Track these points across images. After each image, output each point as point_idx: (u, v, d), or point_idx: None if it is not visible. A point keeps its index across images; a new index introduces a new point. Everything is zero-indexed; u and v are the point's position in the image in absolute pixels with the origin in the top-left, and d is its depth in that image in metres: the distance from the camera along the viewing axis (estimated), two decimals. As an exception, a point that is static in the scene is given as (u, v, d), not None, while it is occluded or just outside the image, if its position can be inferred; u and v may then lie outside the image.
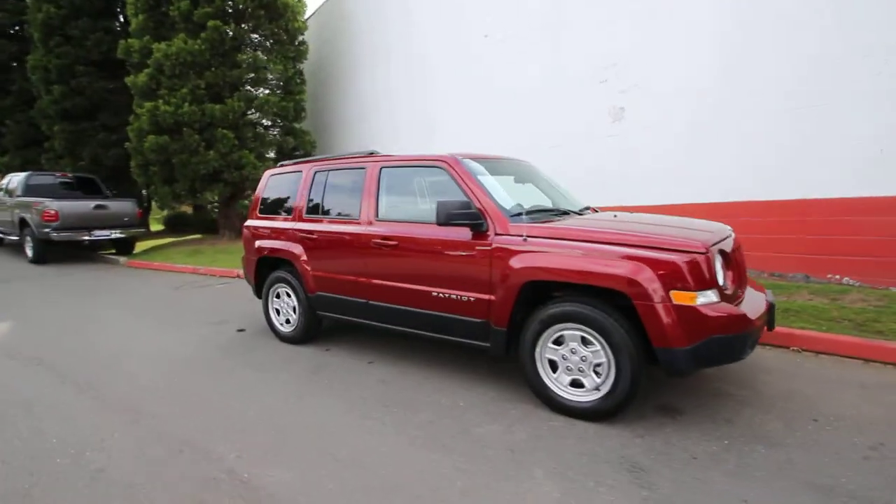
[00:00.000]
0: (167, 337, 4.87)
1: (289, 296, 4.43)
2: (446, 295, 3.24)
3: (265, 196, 4.73)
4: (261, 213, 4.73)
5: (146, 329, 5.22)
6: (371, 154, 4.04)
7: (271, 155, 12.39)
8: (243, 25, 11.31)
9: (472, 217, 3.06)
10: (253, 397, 3.30)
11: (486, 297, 3.06)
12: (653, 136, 6.66)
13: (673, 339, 2.46)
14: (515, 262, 2.91)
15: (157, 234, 15.88)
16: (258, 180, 12.29)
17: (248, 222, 4.82)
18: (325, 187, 4.17)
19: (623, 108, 7.06)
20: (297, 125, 12.39)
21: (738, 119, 5.85)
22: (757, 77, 5.69)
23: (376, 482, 2.27)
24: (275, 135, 12.32)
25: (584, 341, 2.74)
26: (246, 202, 14.04)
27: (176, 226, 17.40)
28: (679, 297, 2.45)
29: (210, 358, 4.18)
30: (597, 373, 2.74)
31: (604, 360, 2.69)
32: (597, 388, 2.74)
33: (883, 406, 2.89)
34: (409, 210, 3.64)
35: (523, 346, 2.94)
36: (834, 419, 2.73)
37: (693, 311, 2.44)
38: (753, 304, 2.75)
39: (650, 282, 2.48)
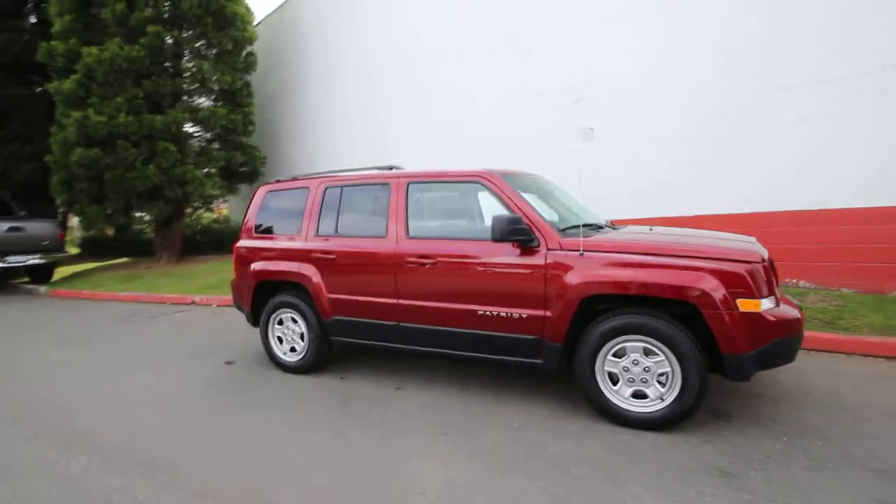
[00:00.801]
0: (142, 375, 4.27)
1: (294, 322, 4.08)
2: (495, 313, 3.16)
3: (262, 214, 4.37)
4: (257, 232, 4.35)
5: (112, 368, 4.56)
6: (391, 169, 3.89)
7: (208, 169, 11.52)
8: (187, 32, 10.54)
9: (525, 233, 3.03)
10: (284, 436, 2.97)
11: (540, 313, 3.03)
12: (620, 155, 7.09)
13: (741, 345, 2.58)
14: (574, 277, 2.91)
15: (74, 259, 14.06)
16: (206, 197, 11.59)
17: (242, 243, 4.41)
18: (339, 204, 3.93)
19: (593, 129, 7.47)
20: (245, 139, 11.68)
21: (698, 138, 6.41)
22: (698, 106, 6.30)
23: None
24: (217, 148, 11.47)
25: (646, 352, 2.80)
26: (189, 221, 12.92)
27: (94, 249, 15.56)
28: (745, 305, 2.58)
29: (207, 395, 3.72)
30: (660, 383, 2.80)
31: (668, 369, 2.75)
32: (660, 398, 2.79)
33: (893, 393, 3.23)
34: (445, 227, 3.53)
35: (581, 360, 2.93)
36: (861, 408, 3.00)
37: (759, 317, 2.58)
38: (791, 308, 2.97)
39: (718, 291, 2.60)
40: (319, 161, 12.22)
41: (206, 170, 10.89)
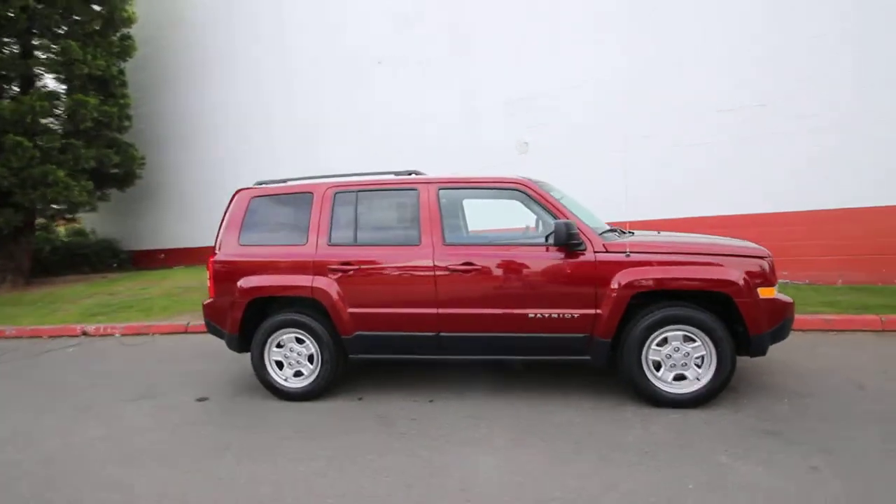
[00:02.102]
0: (88, 426, 3.38)
1: (300, 342, 3.63)
2: (546, 315, 3.26)
3: (249, 222, 3.79)
4: (243, 243, 3.76)
5: (40, 419, 3.50)
6: (412, 174, 3.73)
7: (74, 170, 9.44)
8: (40, 4, 8.49)
9: (577, 237, 3.19)
10: (355, 470, 2.64)
11: (591, 311, 3.21)
12: (558, 166, 7.77)
13: (763, 326, 3.09)
14: (623, 276, 3.16)
15: None
16: (75, 204, 9.36)
17: (223, 255, 3.76)
18: (356, 210, 3.62)
19: (527, 143, 8.05)
20: (120, 136, 9.82)
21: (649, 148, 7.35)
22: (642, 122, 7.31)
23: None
24: (85, 146, 9.43)
25: (686, 339, 3.17)
26: (46, 234, 10.28)
27: None
28: (764, 292, 3.10)
29: (202, 441, 3.11)
30: (696, 365, 3.19)
31: (704, 353, 3.15)
32: (697, 379, 3.18)
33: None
34: (483, 233, 3.50)
35: (628, 351, 3.18)
36: (814, 371, 3.79)
37: (775, 301, 3.12)
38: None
39: (745, 282, 3.08)
40: (214, 167, 10.98)
41: (71, 171, 8.86)
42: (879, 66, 6.07)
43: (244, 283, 3.64)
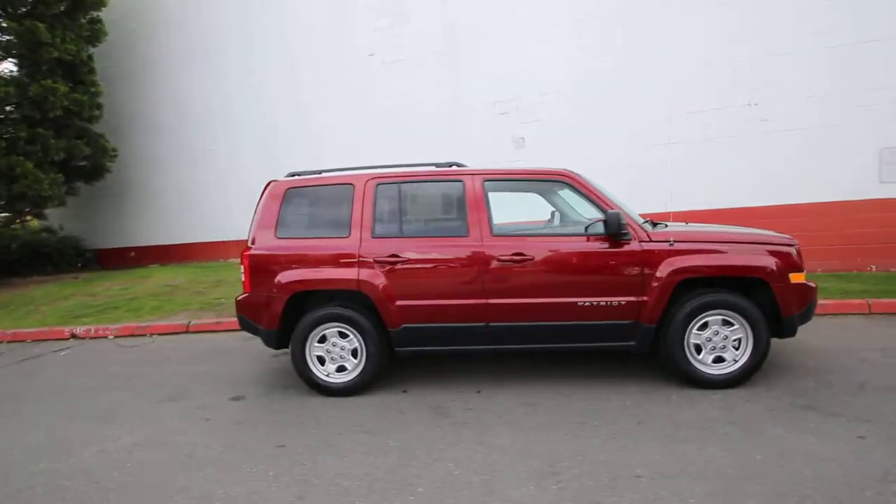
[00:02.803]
0: (119, 433, 3.20)
1: (344, 336, 3.57)
2: (594, 303, 3.36)
3: (285, 214, 3.68)
4: (280, 235, 3.65)
5: (69, 428, 3.31)
6: (452, 166, 3.74)
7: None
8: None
9: (625, 227, 3.31)
10: (430, 462, 2.64)
11: (637, 298, 3.34)
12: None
13: (794, 308, 3.33)
14: (669, 264, 3.31)
15: None
16: (44, 198, 8.66)
17: (259, 249, 3.64)
18: (400, 202, 3.60)
19: (524, 138, 8.19)
20: (90, 126, 9.19)
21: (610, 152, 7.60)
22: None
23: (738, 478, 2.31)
24: (53, 136, 8.78)
25: (725, 323, 3.36)
26: (15, 231, 9.46)
27: None
28: (795, 278, 3.34)
29: (256, 440, 3.02)
30: (734, 347, 3.39)
31: (742, 335, 3.35)
32: (734, 360, 3.38)
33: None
34: (529, 224, 3.56)
35: (672, 336, 3.33)
36: (822, 349, 4.10)
37: (804, 286, 3.37)
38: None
39: (780, 268, 3.30)
40: (190, 162, 10.49)
41: (39, 163, 8.21)
42: (847, 72, 6.57)
43: (285, 276, 3.54)
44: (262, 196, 3.79)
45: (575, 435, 2.84)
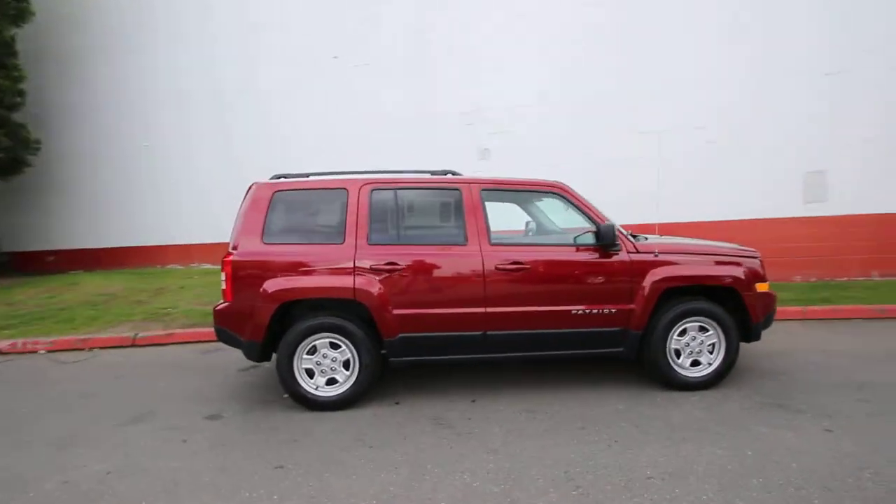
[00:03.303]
0: (89, 458, 2.86)
1: (335, 347, 3.42)
2: (587, 311, 3.48)
3: (272, 219, 3.47)
4: (268, 241, 3.43)
5: (19, 456, 2.87)
6: (449, 174, 3.73)
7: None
8: None
9: (618, 238, 3.47)
10: (445, 476, 2.59)
11: (627, 306, 3.51)
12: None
13: (760, 315, 3.65)
14: (655, 274, 3.51)
15: None
16: None
17: (244, 255, 3.40)
18: (396, 209, 3.53)
19: (488, 149, 8.34)
20: (10, 115, 8.15)
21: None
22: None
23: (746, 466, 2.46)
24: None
25: (701, 329, 3.61)
26: None
27: None
28: (760, 287, 3.66)
29: (248, 462, 2.81)
30: (709, 352, 3.64)
31: (716, 340, 3.62)
32: (709, 364, 3.64)
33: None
34: (523, 233, 3.61)
35: (655, 342, 3.54)
36: (784, 351, 4.52)
37: (768, 294, 3.70)
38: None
39: (748, 278, 3.61)
40: (123, 158, 9.65)
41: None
42: (781, 101, 7.38)
43: (273, 285, 3.34)
44: (245, 198, 3.56)
45: (580, 440, 2.91)
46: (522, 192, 3.76)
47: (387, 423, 3.24)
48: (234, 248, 3.45)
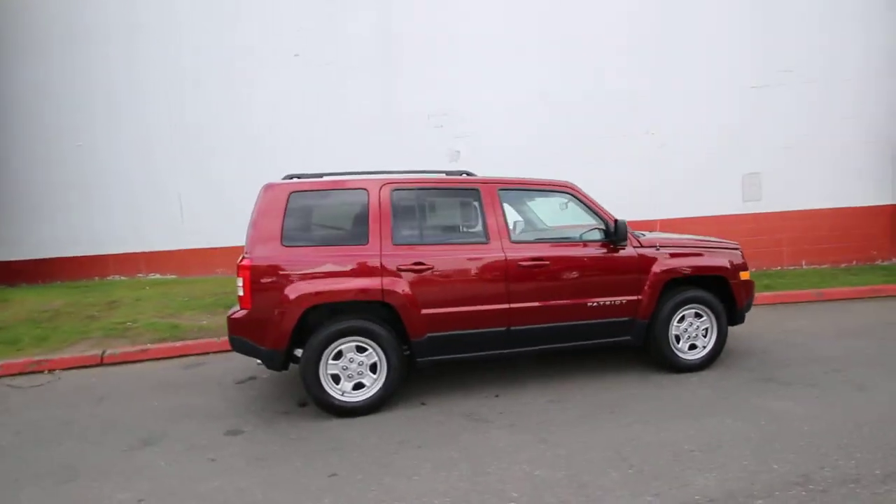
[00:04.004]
0: (109, 487, 2.59)
1: (362, 351, 3.35)
2: (601, 303, 3.70)
3: (290, 221, 3.32)
4: (287, 243, 3.28)
5: (20, 496, 2.50)
6: (465, 175, 3.78)
7: None
8: None
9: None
10: (506, 469, 2.65)
11: (634, 297, 3.77)
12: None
13: (744, 301, 4.07)
14: (658, 267, 3.80)
15: None
16: None
17: (264, 259, 3.22)
18: (418, 209, 3.52)
19: (459, 151, 8.46)
20: None
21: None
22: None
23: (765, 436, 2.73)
24: None
25: (696, 315, 3.96)
26: None
27: None
28: (743, 276, 4.08)
29: (294, 474, 2.71)
30: (703, 336, 4.00)
31: (709, 325, 3.99)
32: (704, 347, 4.00)
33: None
34: (543, 231, 3.75)
35: (659, 329, 3.83)
36: (755, 333, 5.03)
37: (749, 282, 4.13)
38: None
39: (734, 268, 4.01)
40: (53, 157, 8.69)
41: None
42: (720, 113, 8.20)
43: (297, 289, 3.21)
44: (259, 200, 3.38)
45: (615, 423, 3.09)
46: (535, 190, 3.90)
47: (422, 423, 3.23)
48: (251, 252, 3.27)
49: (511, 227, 4.27)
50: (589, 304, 3.68)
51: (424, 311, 3.38)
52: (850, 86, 8.05)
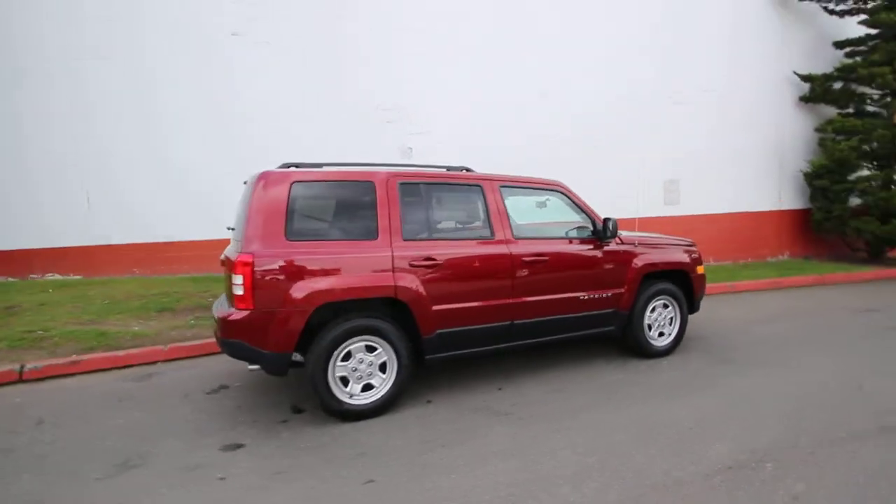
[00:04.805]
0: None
1: (371, 350, 3.20)
2: (591, 296, 3.93)
3: (294, 213, 3.05)
4: (292, 237, 3.01)
5: None
6: (466, 170, 3.77)
7: None
8: None
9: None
10: (551, 458, 2.72)
11: (618, 290, 4.06)
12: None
13: (699, 292, 4.58)
14: (638, 262, 4.14)
15: None
16: None
17: (268, 255, 2.92)
18: (425, 204, 3.44)
19: (411, 148, 8.36)
20: None
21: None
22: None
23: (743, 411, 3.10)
24: None
25: (664, 305, 4.38)
26: None
27: None
28: (699, 270, 4.59)
29: (328, 486, 2.55)
30: (669, 324, 4.43)
31: (674, 315, 4.43)
32: (670, 334, 4.43)
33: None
34: (538, 227, 3.86)
35: (636, 318, 4.18)
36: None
37: (703, 275, 4.65)
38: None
39: (693, 262, 4.50)
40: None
41: None
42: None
43: (306, 287, 2.97)
44: (255, 190, 3.07)
45: (616, 406, 3.33)
46: (530, 188, 4.02)
47: (436, 421, 3.17)
48: (248, 247, 2.95)
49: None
50: (581, 297, 3.90)
51: (435, 308, 3.33)
52: (746, 102, 9.42)
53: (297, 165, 3.31)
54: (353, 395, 3.18)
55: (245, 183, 3.72)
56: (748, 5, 9.60)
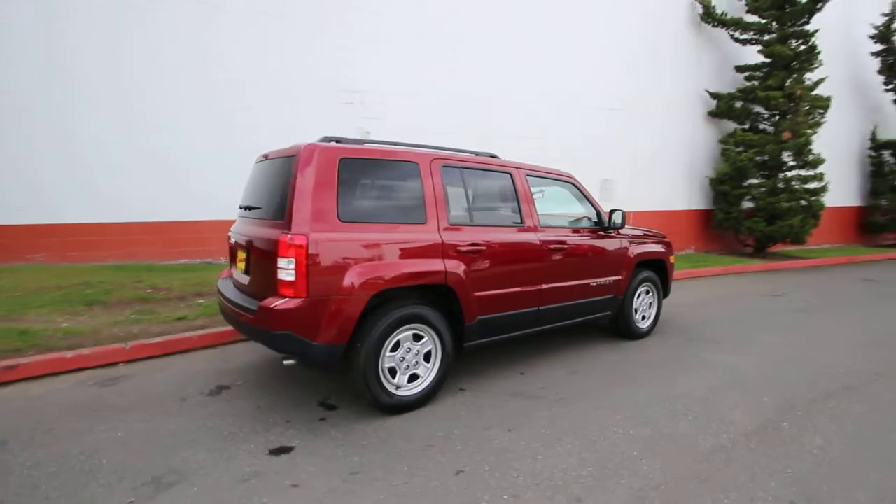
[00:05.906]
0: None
1: (417, 339, 3.07)
2: (600, 282, 4.18)
3: (343, 192, 2.77)
4: (345, 219, 2.74)
5: None
6: (494, 157, 3.74)
7: None
8: None
9: (620, 223, 4.27)
10: (606, 437, 2.86)
11: (618, 277, 4.36)
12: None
13: (671, 279, 5.10)
14: (633, 251, 4.49)
15: None
16: None
17: (319, 237, 2.63)
18: (464, 188, 3.36)
19: (370, 132, 7.99)
20: None
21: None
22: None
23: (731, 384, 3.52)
24: None
25: (647, 291, 4.81)
26: None
27: None
28: (671, 259, 5.10)
29: (415, 479, 2.45)
30: (648, 308, 4.87)
31: (654, 300, 4.88)
32: (650, 318, 4.88)
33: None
34: (556, 216, 3.96)
35: (627, 304, 4.55)
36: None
37: (673, 264, 5.18)
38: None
39: (668, 251, 4.99)
40: None
41: None
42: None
43: (363, 272, 2.76)
44: (299, 164, 2.74)
45: (631, 383, 3.61)
46: (548, 178, 4.11)
47: (483, 407, 3.16)
48: (296, 228, 2.64)
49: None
50: (591, 283, 4.13)
51: (477, 294, 3.29)
52: (665, 114, 10.58)
53: (337, 140, 3.02)
54: (400, 387, 3.02)
55: (261, 159, 3.33)
56: (667, 25, 10.78)
